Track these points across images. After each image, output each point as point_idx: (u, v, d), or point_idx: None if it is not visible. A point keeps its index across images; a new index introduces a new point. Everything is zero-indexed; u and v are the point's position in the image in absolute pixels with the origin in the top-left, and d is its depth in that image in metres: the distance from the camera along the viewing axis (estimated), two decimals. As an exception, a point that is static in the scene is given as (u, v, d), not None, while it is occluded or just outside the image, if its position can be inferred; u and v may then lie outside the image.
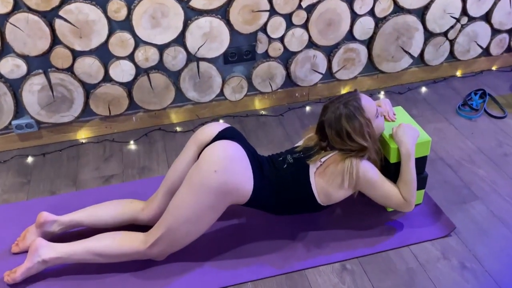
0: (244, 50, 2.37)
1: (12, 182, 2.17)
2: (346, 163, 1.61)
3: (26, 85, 2.19)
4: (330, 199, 1.67)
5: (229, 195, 1.56)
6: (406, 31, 2.53)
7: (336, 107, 1.62)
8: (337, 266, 1.68)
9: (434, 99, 2.60)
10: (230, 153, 1.56)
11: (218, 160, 1.54)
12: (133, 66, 2.25)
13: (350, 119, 1.59)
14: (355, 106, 1.61)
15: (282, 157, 1.72)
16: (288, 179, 1.65)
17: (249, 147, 1.69)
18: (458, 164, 2.12)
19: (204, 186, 1.53)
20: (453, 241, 1.75)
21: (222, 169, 1.52)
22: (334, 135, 1.62)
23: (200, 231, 1.62)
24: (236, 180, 1.55)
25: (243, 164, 1.58)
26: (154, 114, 2.45)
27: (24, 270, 1.60)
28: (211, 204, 1.55)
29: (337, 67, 2.55)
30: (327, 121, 1.63)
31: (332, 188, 1.64)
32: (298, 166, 1.67)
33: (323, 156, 1.65)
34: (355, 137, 1.60)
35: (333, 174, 1.62)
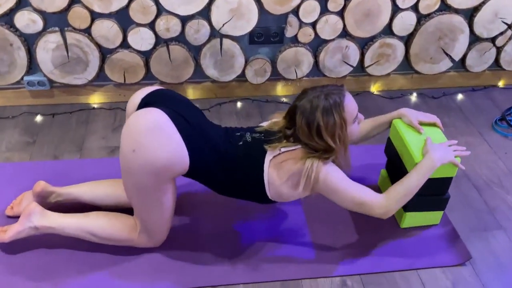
0: (272, 32, 2.22)
1: (18, 140, 2.11)
2: (306, 163, 1.42)
3: (41, 42, 2.09)
4: (280, 196, 1.50)
5: (160, 171, 1.37)
6: (450, 32, 2.32)
7: (316, 95, 1.42)
8: (336, 280, 1.57)
9: (470, 109, 2.41)
10: (144, 126, 1.35)
11: (133, 136, 1.35)
12: (153, 35, 2.13)
13: (326, 113, 1.40)
14: (336, 101, 1.41)
15: (240, 133, 1.53)
16: (240, 157, 1.47)
17: (183, 110, 1.45)
18: (485, 186, 1.95)
19: (129, 169, 1.38)
20: (466, 271, 1.62)
21: (139, 147, 1.34)
22: (303, 124, 1.42)
23: (166, 212, 1.50)
24: (160, 155, 1.35)
25: (165, 134, 1.36)
26: (171, 87, 2.34)
27: (14, 233, 1.54)
28: (148, 185, 1.40)
29: (369, 62, 2.37)
30: (301, 107, 1.43)
31: (285, 186, 1.46)
32: (255, 148, 1.48)
33: (284, 146, 1.46)
34: (325, 135, 1.41)
35: (289, 172, 1.45)
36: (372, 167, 1.96)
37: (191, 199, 1.82)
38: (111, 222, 1.56)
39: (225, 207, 1.78)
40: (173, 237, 1.65)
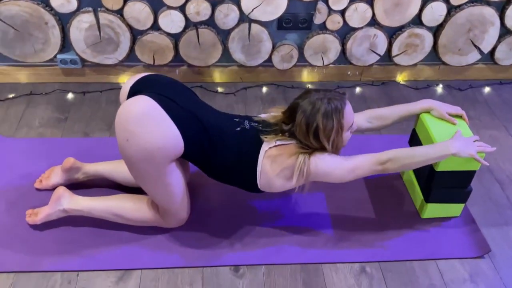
0: (300, 18, 2.23)
1: (50, 116, 2.18)
2: (299, 158, 1.46)
3: (75, 21, 2.14)
4: (271, 187, 1.54)
5: (157, 156, 1.39)
6: (480, 24, 2.29)
7: (320, 98, 1.46)
8: (356, 266, 1.61)
9: (497, 103, 2.40)
10: (134, 114, 1.37)
11: (124, 126, 1.37)
12: (183, 18, 2.16)
13: (326, 117, 1.44)
14: (338, 107, 1.45)
15: (239, 119, 1.56)
16: (235, 143, 1.50)
17: (171, 93, 1.46)
18: (508, 181, 1.96)
19: (127, 158, 1.42)
20: (485, 264, 1.64)
21: (131, 136, 1.36)
22: (302, 123, 1.46)
23: (176, 193, 1.53)
24: (152, 140, 1.37)
25: (154, 120, 1.38)
26: (198, 70, 2.38)
27: (45, 215, 1.62)
28: (150, 170, 1.43)
29: (397, 51, 2.37)
30: (303, 106, 1.46)
31: (278, 179, 1.50)
32: (252, 136, 1.52)
33: (279, 139, 1.50)
34: (321, 137, 1.46)
35: (282, 165, 1.49)
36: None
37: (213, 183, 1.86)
38: (136, 204, 1.62)
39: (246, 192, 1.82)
40: (196, 217, 1.71)
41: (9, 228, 1.64)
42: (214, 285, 1.53)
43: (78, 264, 1.56)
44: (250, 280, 1.55)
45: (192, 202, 1.70)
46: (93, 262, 1.56)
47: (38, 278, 1.52)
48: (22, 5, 2.08)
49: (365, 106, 2.31)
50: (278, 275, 1.57)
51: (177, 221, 1.64)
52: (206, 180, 1.84)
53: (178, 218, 1.63)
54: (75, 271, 1.54)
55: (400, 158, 1.51)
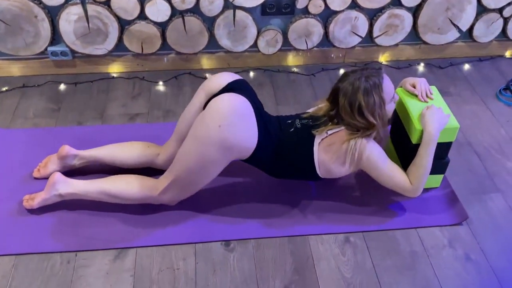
0: (283, 3, 2.29)
1: (44, 107, 2.24)
2: (350, 143, 1.57)
3: (64, 13, 2.20)
4: (331, 174, 1.66)
5: (232, 151, 1.55)
6: (457, 3, 2.37)
7: (357, 77, 1.55)
8: (340, 237, 1.70)
9: (476, 79, 2.48)
10: (236, 108, 1.52)
11: (223, 114, 1.50)
12: (169, 6, 2.22)
13: (366, 94, 1.54)
14: (376, 83, 1.55)
15: (291, 120, 1.69)
16: (292, 143, 1.64)
17: (257, 102, 1.64)
18: (486, 152, 2.04)
19: (207, 140, 1.52)
20: (463, 230, 1.73)
21: (226, 125, 1.49)
22: (346, 104, 1.56)
23: (205, 181, 1.65)
24: (240, 137, 1.53)
25: (248, 121, 1.54)
26: (186, 57, 2.44)
27: (41, 200, 1.69)
28: (213, 158, 1.55)
29: (378, 32, 2.44)
30: (344, 89, 1.56)
31: (334, 166, 1.63)
32: (305, 133, 1.64)
33: (330, 129, 1.62)
34: (366, 114, 1.55)
35: (336, 153, 1.60)
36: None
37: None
38: (130, 183, 1.69)
39: (238, 168, 1.90)
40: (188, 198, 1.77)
41: (9, 214, 1.72)
42: (207, 259, 1.61)
43: (76, 244, 1.63)
44: (241, 253, 1.63)
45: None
46: (91, 242, 1.64)
47: (38, 259, 1.60)
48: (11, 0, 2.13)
49: (349, 86, 2.38)
50: (267, 248, 1.65)
51: (174, 200, 1.71)
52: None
53: (178, 198, 1.71)
54: (74, 251, 1.62)
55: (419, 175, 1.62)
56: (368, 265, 1.61)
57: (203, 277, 1.57)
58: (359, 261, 1.62)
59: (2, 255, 1.60)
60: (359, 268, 1.60)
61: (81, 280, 1.54)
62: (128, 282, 1.54)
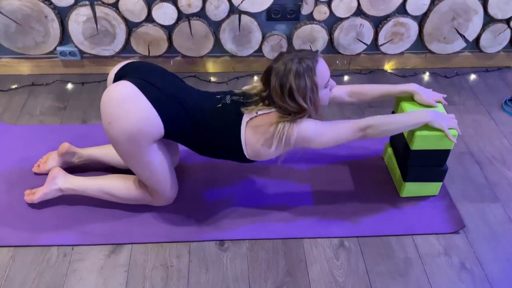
0: (288, 9, 2.31)
1: (50, 105, 2.29)
2: (278, 127, 1.51)
3: (73, 14, 2.25)
4: (258, 156, 1.59)
5: (139, 137, 1.48)
6: (463, 13, 2.36)
7: (290, 59, 1.48)
8: (335, 241, 1.70)
9: (481, 89, 2.46)
10: (115, 98, 1.46)
11: (106, 110, 1.47)
12: (176, 10, 2.25)
13: (297, 77, 1.46)
14: (309, 66, 1.48)
15: (220, 96, 1.62)
16: (218, 119, 1.56)
17: (156, 79, 1.54)
18: (487, 162, 2.03)
19: (111, 139, 1.50)
20: (459, 239, 1.71)
21: (113, 119, 1.45)
22: (277, 85, 1.48)
23: (161, 172, 1.61)
24: (131, 122, 1.45)
25: (133, 103, 1.46)
26: (191, 60, 2.48)
27: (42, 194, 1.72)
28: (134, 151, 1.52)
29: (383, 40, 2.45)
30: (276, 69, 1.49)
31: (262, 147, 1.55)
32: (233, 109, 1.57)
33: (260, 109, 1.55)
34: (297, 97, 1.47)
35: (264, 135, 1.53)
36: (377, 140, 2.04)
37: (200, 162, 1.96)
38: (127, 184, 1.72)
39: (235, 170, 1.92)
40: (185, 196, 1.81)
41: (9, 207, 1.75)
42: (200, 258, 1.62)
43: (73, 239, 1.66)
44: (234, 253, 1.64)
45: (180, 182, 1.79)
46: (87, 237, 1.67)
47: (36, 252, 1.62)
48: (22, 0, 2.19)
49: (353, 93, 2.39)
50: (261, 249, 1.66)
51: (165, 200, 1.74)
52: (194, 162, 1.95)
53: (165, 197, 1.72)
54: (70, 245, 1.64)
55: (379, 124, 1.57)
56: (361, 270, 1.60)
57: (195, 275, 1.58)
58: (352, 265, 1.62)
59: (1, 246, 1.63)
60: (352, 273, 1.60)
61: (75, 273, 1.57)
62: (121, 278, 1.56)
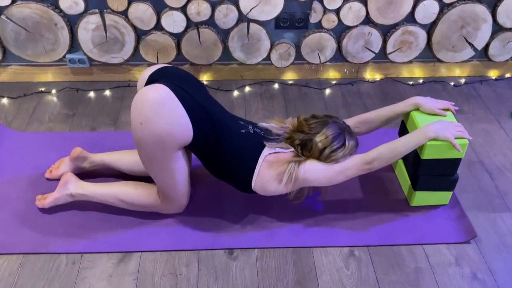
0: (297, 17, 2.32)
1: (59, 112, 2.30)
2: (290, 165, 1.58)
3: (82, 22, 2.26)
4: (265, 190, 1.63)
5: (167, 141, 1.48)
6: (472, 21, 2.36)
7: (344, 127, 1.65)
8: (345, 250, 1.68)
9: (490, 98, 2.45)
10: (149, 100, 1.45)
11: (140, 110, 1.46)
12: (185, 18, 2.26)
13: (345, 145, 1.62)
14: (354, 144, 1.65)
15: (244, 123, 1.66)
16: (240, 143, 1.60)
17: (189, 86, 1.56)
18: (498, 172, 2.01)
19: (139, 140, 1.50)
20: (471, 249, 1.70)
21: (145, 120, 1.45)
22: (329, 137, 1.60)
23: (179, 179, 1.62)
24: (163, 126, 1.45)
25: (168, 107, 1.46)
26: (200, 68, 2.48)
27: (53, 199, 1.73)
28: (158, 155, 1.52)
29: (392, 48, 2.44)
30: (330, 128, 1.62)
31: (271, 182, 1.60)
32: (255, 140, 1.62)
33: (280, 147, 1.62)
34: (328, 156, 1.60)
35: (276, 170, 1.58)
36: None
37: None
38: (138, 190, 1.72)
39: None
40: (195, 204, 1.80)
41: (20, 214, 1.75)
42: (209, 266, 1.62)
43: (82, 246, 1.65)
44: (243, 262, 1.63)
45: (190, 190, 1.79)
46: (96, 244, 1.66)
47: (45, 259, 1.62)
48: (33, 7, 2.21)
49: (361, 102, 2.38)
50: (270, 258, 1.65)
51: (177, 207, 1.73)
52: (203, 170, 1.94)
53: (178, 204, 1.72)
54: (79, 253, 1.64)
55: (384, 154, 1.58)
56: (371, 280, 1.59)
57: (204, 283, 1.57)
58: (362, 275, 1.61)
59: (11, 254, 1.63)
60: (362, 282, 1.58)
61: (84, 281, 1.56)
62: (130, 286, 1.55)
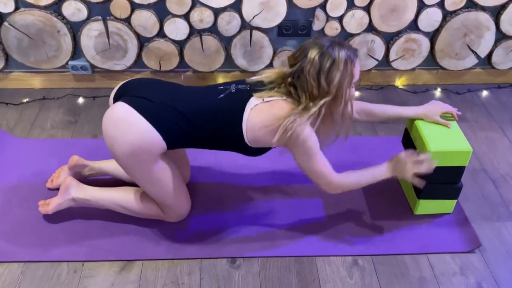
0: (299, 25, 2.32)
1: (61, 119, 2.29)
2: (289, 118, 1.43)
3: (85, 29, 2.27)
4: (257, 142, 1.53)
5: (140, 154, 1.48)
6: (475, 29, 2.36)
7: (335, 40, 1.44)
8: (349, 259, 1.67)
9: (494, 106, 2.44)
10: (110, 120, 1.49)
11: (106, 133, 1.50)
12: (188, 25, 2.27)
13: (343, 56, 1.41)
14: (354, 54, 1.44)
15: (224, 87, 1.56)
16: (219, 108, 1.51)
17: (148, 92, 1.53)
18: (502, 180, 2.00)
19: (117, 160, 1.53)
20: (475, 258, 1.68)
21: (113, 141, 1.48)
22: (317, 57, 1.40)
23: (169, 187, 1.60)
24: (129, 141, 1.45)
25: (127, 122, 1.46)
26: (202, 75, 2.48)
27: (56, 205, 1.72)
28: (140, 169, 1.53)
29: (395, 56, 2.44)
30: (319, 44, 1.42)
31: (263, 132, 1.48)
32: (238, 98, 1.51)
33: (270, 96, 1.48)
34: (334, 75, 1.40)
35: (268, 121, 1.46)
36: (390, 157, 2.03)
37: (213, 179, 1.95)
38: (140, 197, 1.70)
39: (245, 187, 1.91)
40: (197, 212, 1.79)
41: (21, 221, 1.74)
42: (212, 275, 1.60)
43: (83, 254, 1.64)
44: (246, 271, 1.62)
45: (191, 199, 1.77)
46: (98, 252, 1.65)
47: (46, 267, 1.61)
48: (36, 15, 2.21)
49: (364, 109, 2.38)
50: (273, 267, 1.63)
51: (177, 216, 1.72)
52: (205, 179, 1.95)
53: (177, 213, 1.71)
54: (81, 261, 1.63)
55: (347, 185, 1.60)
56: (375, 289, 1.58)
57: (207, 293, 1.55)
58: (366, 284, 1.59)
59: (12, 262, 1.62)
60: (366, 292, 1.57)
61: (85, 290, 1.55)
62: (132, 295, 1.54)
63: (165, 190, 1.61)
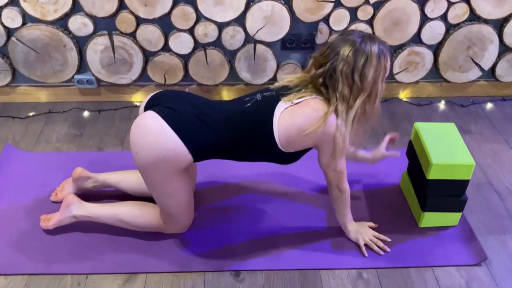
0: (303, 38, 2.34)
1: (67, 132, 2.31)
2: (329, 116, 1.41)
3: (91, 43, 2.29)
4: (291, 145, 1.50)
5: (164, 166, 1.49)
6: (479, 42, 2.37)
7: (367, 35, 1.43)
8: (353, 272, 1.66)
9: (498, 118, 2.44)
10: (138, 130, 1.50)
11: (133, 140, 1.50)
12: (192, 39, 2.29)
13: (379, 51, 1.40)
14: (387, 48, 1.44)
15: (249, 97, 1.55)
16: (246, 119, 1.50)
17: (175, 102, 1.53)
18: (507, 192, 1.99)
19: (139, 168, 1.54)
20: (481, 271, 1.66)
21: (139, 149, 1.48)
22: (351, 53, 1.38)
23: (182, 200, 1.62)
24: (155, 151, 1.46)
25: (155, 132, 1.47)
26: (207, 88, 2.50)
27: (56, 221, 1.72)
28: (160, 179, 1.54)
29: (398, 69, 2.45)
30: (350, 40, 1.40)
31: (295, 129, 1.45)
32: (265, 104, 1.49)
33: (300, 97, 1.46)
34: (368, 71, 1.38)
35: (302, 117, 1.44)
36: (395, 169, 2.03)
37: (216, 190, 1.95)
38: (140, 211, 1.71)
39: (248, 198, 1.91)
40: (201, 225, 1.79)
41: (25, 234, 1.75)
42: (215, 288, 1.60)
43: (87, 267, 1.64)
44: (250, 284, 1.61)
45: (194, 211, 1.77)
46: (102, 265, 1.65)
47: (50, 280, 1.61)
48: (42, 29, 2.24)
49: (368, 121, 2.38)
50: (277, 280, 1.62)
51: (181, 228, 1.72)
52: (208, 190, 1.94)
53: (181, 225, 1.71)
54: (85, 273, 1.63)
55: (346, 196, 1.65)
56: (380, 303, 1.56)
57: (210, 306, 1.54)
58: (371, 298, 1.58)
59: (16, 274, 1.62)
60: (371, 306, 1.55)
61: (89, 303, 1.55)
62: (135, 308, 1.54)
63: (177, 203, 1.62)
